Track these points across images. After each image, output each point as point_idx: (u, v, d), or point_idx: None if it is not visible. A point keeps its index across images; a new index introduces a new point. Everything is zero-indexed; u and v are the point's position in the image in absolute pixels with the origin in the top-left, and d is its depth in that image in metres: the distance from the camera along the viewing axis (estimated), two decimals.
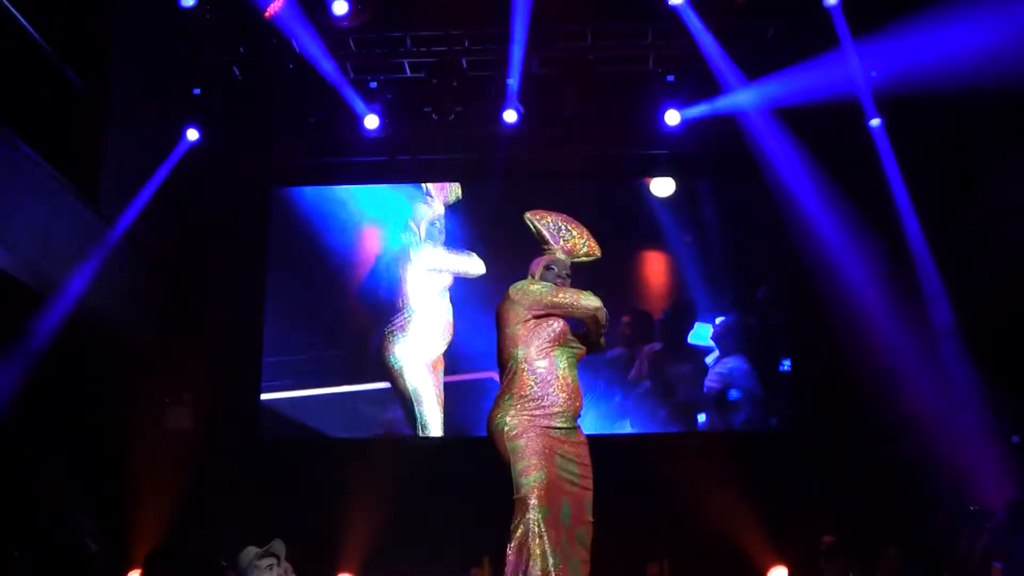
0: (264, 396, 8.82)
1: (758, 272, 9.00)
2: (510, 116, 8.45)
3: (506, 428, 4.11)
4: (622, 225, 8.95)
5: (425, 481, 8.20)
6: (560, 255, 4.50)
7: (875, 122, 8.27)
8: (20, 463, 7.18)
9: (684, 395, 8.76)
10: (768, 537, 8.15)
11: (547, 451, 4.04)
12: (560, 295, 4.28)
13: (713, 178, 9.24)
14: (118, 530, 7.86)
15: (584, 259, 4.58)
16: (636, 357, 8.78)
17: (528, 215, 4.59)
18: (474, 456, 7.70)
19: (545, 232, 4.54)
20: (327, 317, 9.04)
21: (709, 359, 8.77)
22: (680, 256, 9.03)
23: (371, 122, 8.56)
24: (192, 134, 8.48)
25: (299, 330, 8.96)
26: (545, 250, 4.53)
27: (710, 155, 9.08)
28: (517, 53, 8.08)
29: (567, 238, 4.55)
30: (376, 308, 8.87)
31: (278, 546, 5.38)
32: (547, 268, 4.47)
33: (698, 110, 8.40)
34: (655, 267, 9.03)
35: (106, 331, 7.83)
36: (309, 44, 8.26)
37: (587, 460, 4.22)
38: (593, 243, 4.60)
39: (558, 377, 4.18)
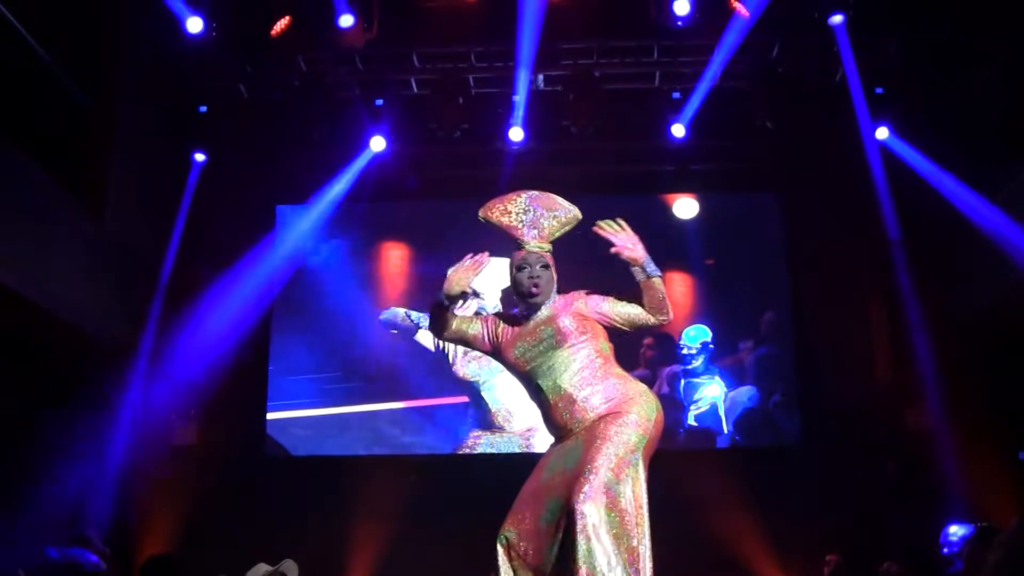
0: (270, 416, 8.82)
1: (767, 291, 8.98)
2: (516, 134, 8.47)
3: None
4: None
5: (435, 498, 8.15)
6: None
7: (882, 132, 8.27)
8: (26, 479, 7.16)
9: (702, 418, 8.74)
10: (772, 552, 8.13)
11: (538, 467, 3.81)
12: None
13: (723, 194, 9.22)
14: (125, 547, 7.83)
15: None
16: (657, 377, 8.75)
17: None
18: (485, 472, 7.74)
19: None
20: (334, 338, 9.02)
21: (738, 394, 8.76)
22: (698, 276, 8.97)
23: (377, 144, 8.58)
24: (199, 156, 8.55)
25: (306, 349, 8.96)
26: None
27: (717, 171, 9.10)
28: (523, 70, 8.11)
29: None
30: (385, 330, 8.86)
31: (289, 566, 5.27)
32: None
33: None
34: (677, 287, 8.84)
35: (112, 347, 7.83)
36: (315, 62, 8.30)
37: (596, 435, 3.63)
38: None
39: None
